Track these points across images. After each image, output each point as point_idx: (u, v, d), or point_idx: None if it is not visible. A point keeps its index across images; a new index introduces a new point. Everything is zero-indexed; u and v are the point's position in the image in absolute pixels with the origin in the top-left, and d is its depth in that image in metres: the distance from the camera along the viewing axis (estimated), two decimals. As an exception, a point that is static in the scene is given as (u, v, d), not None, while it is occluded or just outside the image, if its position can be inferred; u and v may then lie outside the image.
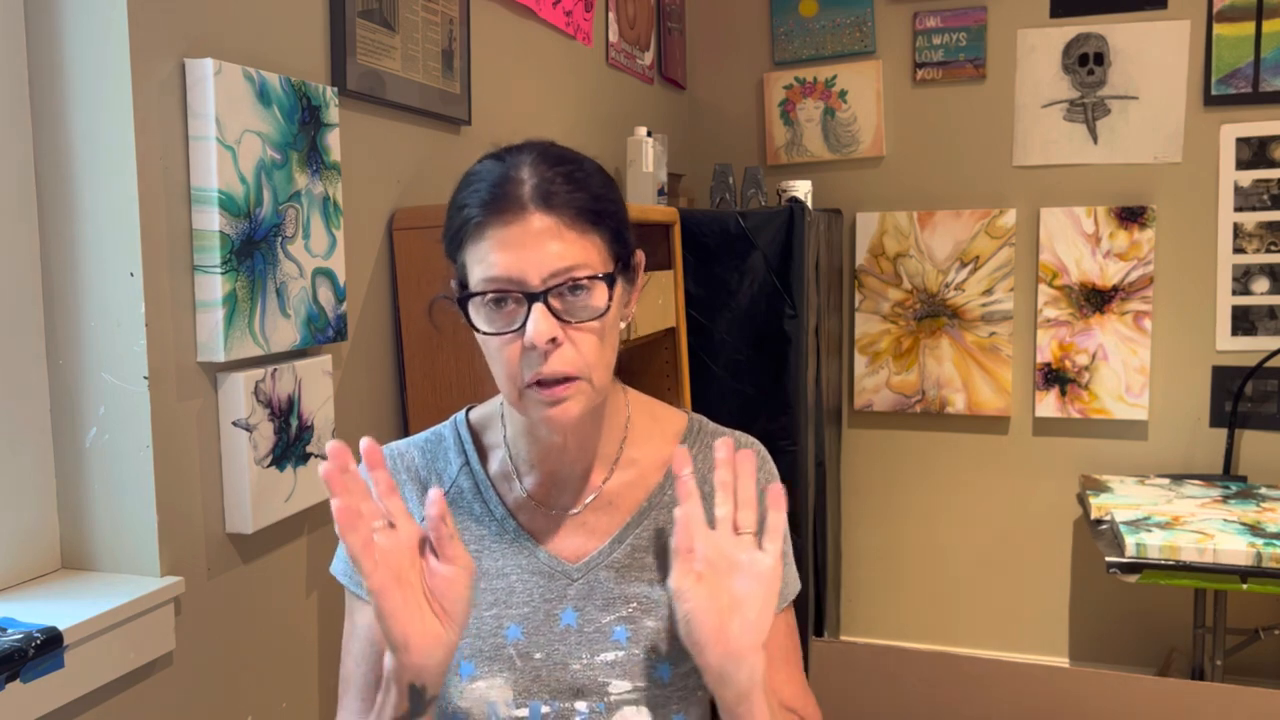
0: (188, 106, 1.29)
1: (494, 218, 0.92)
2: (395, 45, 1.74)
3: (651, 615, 1.00)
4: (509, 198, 0.92)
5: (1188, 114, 3.11)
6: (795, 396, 2.59)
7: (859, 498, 3.49)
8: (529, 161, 0.95)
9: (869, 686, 1.65)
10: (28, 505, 1.24)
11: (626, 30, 2.92)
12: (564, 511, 1.05)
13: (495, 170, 0.95)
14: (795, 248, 2.56)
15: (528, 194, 0.92)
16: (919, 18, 3.32)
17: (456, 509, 1.05)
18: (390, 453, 1.08)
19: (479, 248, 0.93)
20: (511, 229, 0.91)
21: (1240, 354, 3.11)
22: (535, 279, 0.91)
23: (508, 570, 1.02)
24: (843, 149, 3.43)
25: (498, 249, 0.91)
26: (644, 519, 1.04)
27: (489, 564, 1.03)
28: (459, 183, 0.99)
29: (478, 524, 1.04)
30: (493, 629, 1.00)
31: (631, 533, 1.04)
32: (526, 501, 1.05)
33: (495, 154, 0.99)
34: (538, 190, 0.92)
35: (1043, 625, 3.35)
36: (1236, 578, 2.29)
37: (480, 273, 0.92)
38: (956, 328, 3.34)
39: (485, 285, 0.92)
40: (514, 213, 0.92)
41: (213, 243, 1.30)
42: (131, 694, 1.24)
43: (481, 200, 0.93)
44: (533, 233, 0.91)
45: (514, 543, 1.03)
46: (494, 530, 1.04)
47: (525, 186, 0.93)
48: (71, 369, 1.26)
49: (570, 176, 0.94)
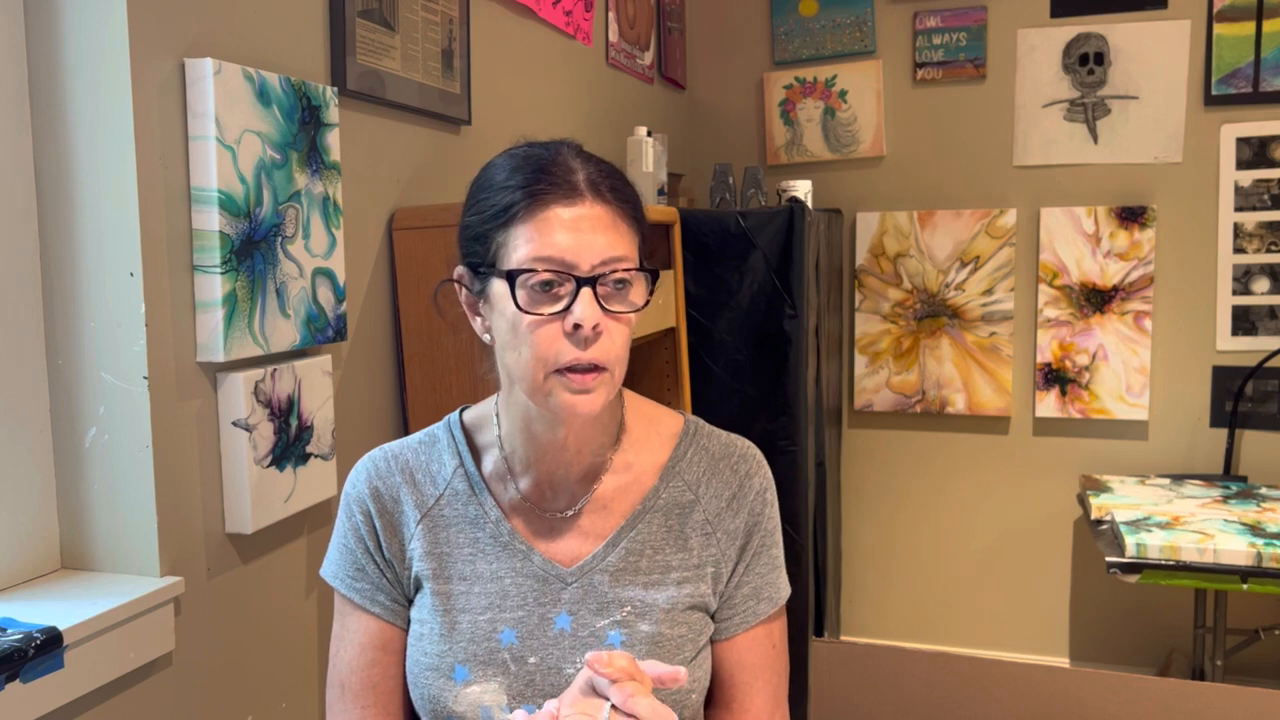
0: (187, 106, 1.29)
1: (549, 197, 0.93)
2: (395, 45, 1.74)
3: (646, 619, 1.00)
4: (566, 183, 0.93)
5: (1188, 114, 3.11)
6: (795, 396, 2.59)
7: (859, 498, 3.49)
8: (573, 153, 0.97)
9: (869, 686, 1.65)
10: (28, 505, 1.24)
11: (626, 30, 2.92)
12: (558, 514, 1.04)
13: (539, 155, 0.96)
14: (795, 248, 2.56)
15: (583, 181, 0.94)
16: (919, 17, 3.31)
17: (452, 510, 1.05)
18: (386, 454, 1.08)
19: (529, 227, 0.93)
20: (567, 211, 0.92)
21: (1240, 354, 3.11)
22: (586, 265, 0.92)
23: (502, 574, 1.02)
24: (843, 149, 3.43)
25: (553, 229, 0.92)
26: (638, 522, 1.04)
27: (483, 568, 1.02)
28: (490, 171, 0.99)
29: (472, 526, 1.04)
30: (487, 633, 1.00)
31: (626, 536, 1.03)
32: (521, 504, 1.04)
33: (528, 144, 1.00)
34: (591, 180, 0.94)
35: (1043, 625, 3.35)
36: (1237, 578, 2.29)
37: (531, 251, 0.92)
38: (957, 328, 3.34)
39: (537, 264, 0.91)
40: (571, 197, 0.93)
41: (212, 243, 1.30)
42: (131, 694, 1.24)
43: (532, 180, 0.93)
44: (589, 219, 0.93)
45: (508, 546, 1.03)
46: (489, 533, 1.03)
47: (579, 175, 0.94)
48: (71, 369, 1.26)
49: (615, 174, 0.97)
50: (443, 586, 1.02)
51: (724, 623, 1.06)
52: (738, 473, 1.07)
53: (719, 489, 1.06)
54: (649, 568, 1.02)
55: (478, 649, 0.99)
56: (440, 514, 1.04)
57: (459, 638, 1.00)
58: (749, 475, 1.07)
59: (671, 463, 1.06)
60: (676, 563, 1.03)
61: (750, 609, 1.06)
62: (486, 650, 0.99)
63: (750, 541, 1.06)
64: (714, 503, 1.05)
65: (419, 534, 1.04)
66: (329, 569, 1.07)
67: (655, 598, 1.00)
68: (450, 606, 1.01)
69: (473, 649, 0.99)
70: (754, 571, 1.06)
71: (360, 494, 1.06)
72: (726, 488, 1.06)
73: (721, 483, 1.06)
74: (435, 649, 1.00)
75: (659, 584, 1.01)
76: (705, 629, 1.03)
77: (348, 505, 1.07)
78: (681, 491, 1.05)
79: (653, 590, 1.01)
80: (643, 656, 0.97)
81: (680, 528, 1.04)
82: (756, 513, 1.06)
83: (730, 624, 1.05)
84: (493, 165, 1.00)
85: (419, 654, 1.02)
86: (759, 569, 1.06)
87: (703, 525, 1.04)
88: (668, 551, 1.03)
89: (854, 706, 1.65)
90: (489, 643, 0.99)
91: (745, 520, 1.06)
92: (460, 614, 1.01)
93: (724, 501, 1.05)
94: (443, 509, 1.04)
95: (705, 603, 1.03)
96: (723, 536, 1.05)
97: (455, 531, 1.03)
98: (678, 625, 1.00)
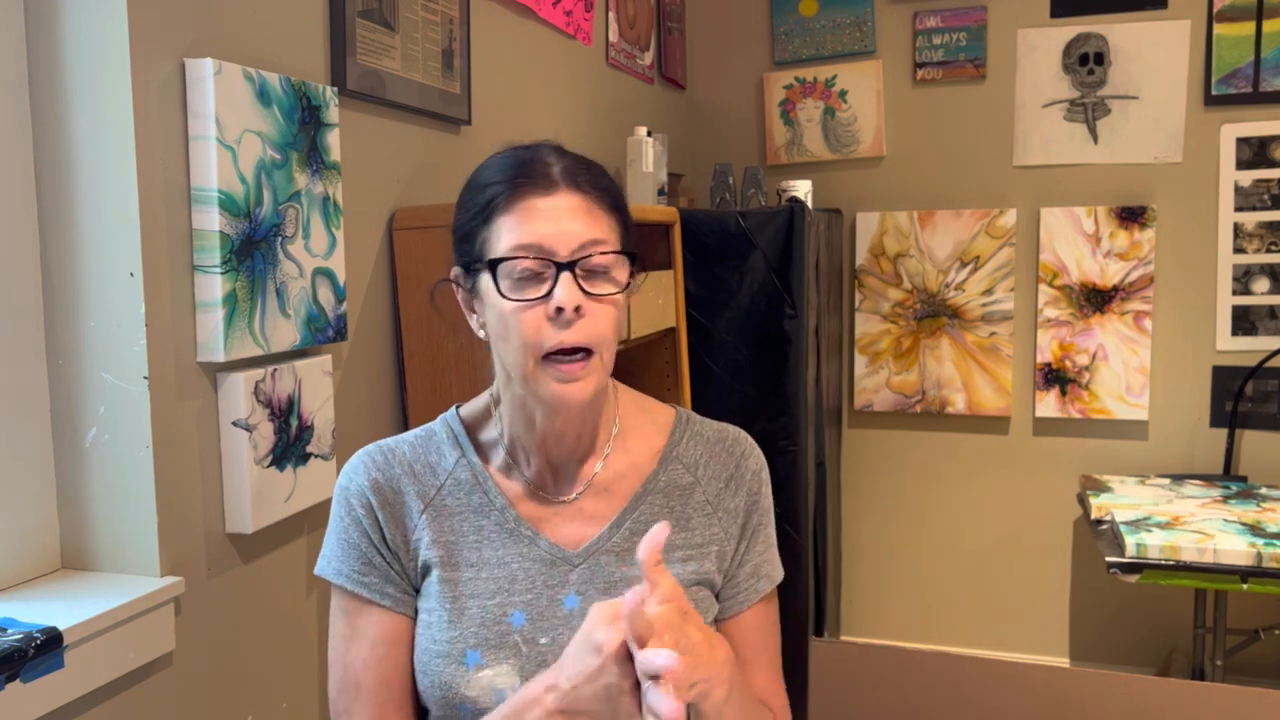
0: (188, 106, 1.29)
1: (526, 190, 0.98)
2: (395, 45, 1.74)
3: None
4: (540, 175, 0.99)
5: (1188, 114, 3.11)
6: (795, 396, 2.59)
7: (859, 498, 3.49)
8: (550, 150, 1.02)
9: (869, 686, 1.65)
10: (28, 505, 1.24)
11: (626, 30, 2.92)
12: (562, 499, 1.07)
13: (519, 154, 1.02)
14: (795, 248, 2.56)
15: (557, 173, 0.99)
16: (919, 17, 3.31)
17: (455, 500, 1.06)
18: (381, 448, 1.09)
19: (509, 218, 0.98)
20: (544, 201, 0.98)
21: (1240, 354, 3.11)
22: (564, 250, 0.96)
23: (509, 559, 1.03)
24: (843, 149, 3.43)
25: (531, 218, 0.97)
26: (640, 503, 1.07)
27: (490, 554, 1.04)
28: (476, 174, 1.04)
29: (477, 515, 1.05)
30: (497, 617, 1.01)
31: (629, 517, 1.06)
32: (525, 491, 1.07)
33: (511, 148, 1.04)
34: (566, 171, 1.00)
35: (1043, 625, 3.35)
36: (1237, 578, 2.29)
37: (511, 240, 0.97)
38: (957, 328, 3.34)
39: (517, 251, 0.96)
40: (545, 187, 0.98)
41: (213, 243, 1.30)
42: (131, 694, 1.24)
43: (511, 176, 0.99)
44: (563, 207, 0.98)
45: (514, 532, 1.05)
46: (494, 520, 1.05)
47: (554, 167, 1.00)
48: (71, 369, 1.26)
49: (592, 166, 1.02)
50: (450, 574, 1.03)
51: (728, 601, 1.10)
52: (733, 455, 1.12)
53: (717, 470, 1.10)
54: None
55: (489, 633, 1.00)
56: (443, 503, 1.06)
57: (469, 623, 1.01)
58: (744, 456, 1.12)
59: (669, 448, 1.11)
60: (680, 541, 1.06)
61: (752, 586, 1.10)
62: (498, 634, 1.00)
63: (750, 520, 1.11)
64: (713, 484, 1.10)
65: (424, 523, 1.04)
66: (330, 567, 1.06)
67: None
68: (459, 593, 1.02)
69: (484, 633, 1.00)
70: (754, 550, 1.11)
71: (360, 487, 1.06)
72: (724, 469, 1.11)
73: (719, 464, 1.11)
74: (445, 635, 1.01)
75: (664, 562, 1.03)
76: (711, 607, 1.07)
77: (345, 500, 1.06)
78: (680, 474, 1.09)
79: None
80: None
81: (682, 508, 1.08)
82: (754, 492, 1.11)
83: (735, 601, 1.10)
84: (479, 169, 1.05)
85: (428, 641, 1.02)
86: (758, 547, 1.11)
87: (703, 505, 1.09)
88: (671, 532, 1.05)
89: (854, 706, 1.65)
90: (500, 626, 1.01)
91: (745, 500, 1.10)
92: (469, 599, 1.02)
93: (722, 482, 1.10)
94: (445, 499, 1.06)
95: (710, 580, 1.07)
96: (724, 515, 1.09)
97: (460, 520, 1.05)
98: None
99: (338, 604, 1.06)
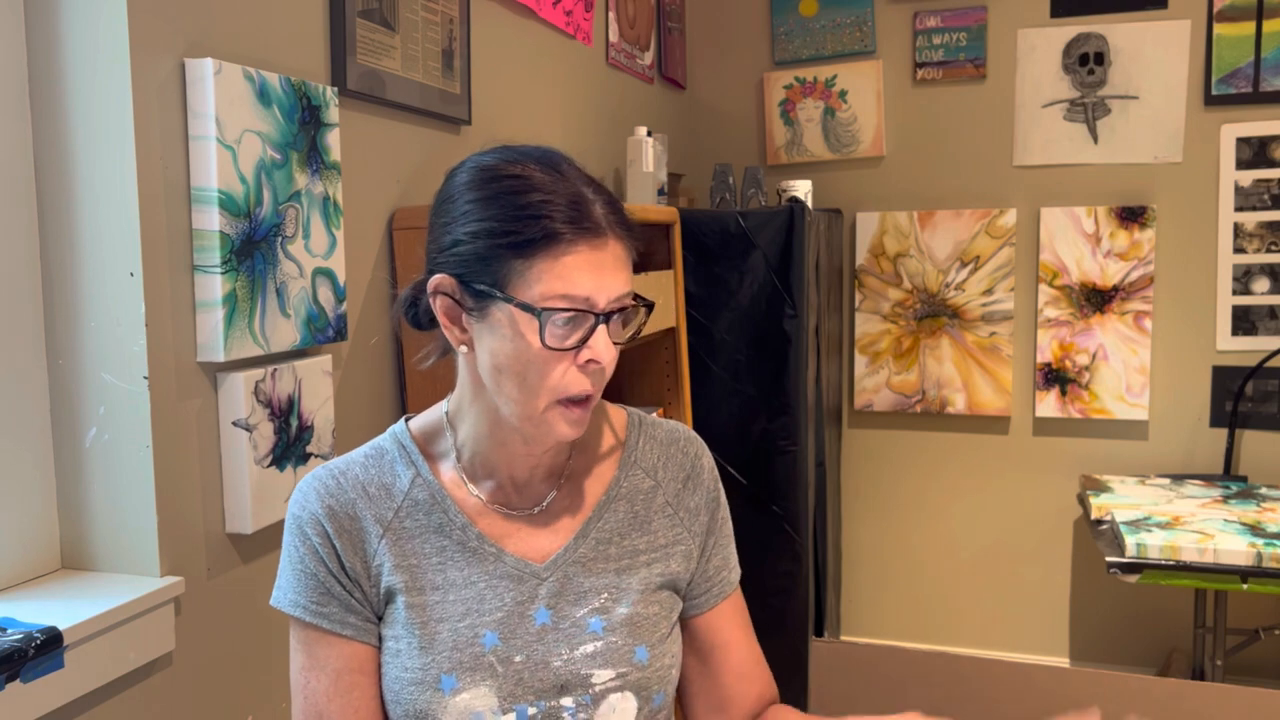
0: (188, 106, 1.29)
1: (582, 238, 0.93)
2: (395, 45, 1.74)
3: (623, 602, 1.02)
4: (591, 219, 0.94)
5: (1188, 114, 3.11)
6: (795, 396, 2.59)
7: (859, 498, 3.49)
8: (580, 177, 0.97)
9: (869, 686, 1.65)
10: (28, 505, 1.24)
11: (626, 30, 2.92)
12: (524, 513, 1.05)
13: (558, 183, 0.95)
14: (795, 248, 2.56)
15: (602, 217, 0.95)
16: (919, 17, 3.31)
17: (414, 521, 1.02)
18: (331, 471, 1.04)
19: (561, 264, 0.93)
20: (597, 253, 0.94)
21: (1240, 354, 3.11)
22: (603, 302, 0.95)
23: (475, 579, 1.01)
24: (843, 149, 3.43)
25: (585, 270, 0.93)
26: (604, 511, 1.07)
27: (455, 574, 1.01)
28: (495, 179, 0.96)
29: (438, 535, 1.02)
30: (469, 639, 0.98)
31: (594, 526, 1.06)
32: (484, 507, 1.04)
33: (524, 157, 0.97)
34: (607, 215, 0.96)
35: (1043, 625, 3.35)
36: (1237, 578, 2.29)
37: (560, 288, 0.92)
38: (957, 328, 3.34)
39: (564, 303, 0.93)
40: (598, 236, 0.94)
41: (213, 243, 1.30)
42: (131, 694, 1.24)
43: (567, 217, 0.93)
44: (610, 258, 0.95)
45: (477, 551, 1.02)
46: (455, 540, 1.02)
47: (597, 208, 0.95)
48: (71, 369, 1.26)
49: (616, 201, 0.98)
50: (416, 598, 1.00)
51: (703, 596, 1.10)
52: (688, 454, 1.13)
53: (675, 471, 1.11)
54: (618, 554, 1.05)
55: (462, 656, 0.98)
56: (402, 526, 1.02)
57: (441, 647, 0.98)
58: (698, 456, 1.13)
59: (627, 453, 1.11)
60: (644, 545, 1.07)
61: (724, 579, 1.12)
62: (471, 656, 0.98)
63: (715, 515, 1.12)
64: (672, 484, 1.10)
65: (384, 548, 1.01)
66: (285, 598, 1.02)
67: (629, 581, 1.04)
68: (428, 618, 0.99)
69: (457, 657, 0.98)
70: (719, 545, 1.13)
71: (314, 514, 1.01)
72: (681, 470, 1.11)
73: (676, 465, 1.11)
74: (417, 662, 0.98)
75: (630, 568, 1.05)
76: (675, 606, 1.08)
77: (299, 529, 1.02)
78: (641, 479, 1.10)
79: (625, 575, 1.04)
80: (621, 638, 1.00)
81: (645, 512, 1.08)
82: (711, 489, 1.13)
83: (710, 595, 1.11)
84: (496, 176, 0.96)
85: (399, 670, 0.99)
86: (722, 541, 1.13)
87: (664, 507, 1.09)
88: (634, 536, 1.06)
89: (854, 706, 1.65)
90: (473, 648, 0.98)
91: (704, 497, 1.12)
92: (439, 624, 0.99)
93: (680, 483, 1.11)
94: (403, 521, 1.02)
95: (675, 581, 1.08)
96: (685, 515, 1.10)
97: (421, 542, 1.02)
98: (651, 604, 1.04)
99: (297, 636, 1.02)
